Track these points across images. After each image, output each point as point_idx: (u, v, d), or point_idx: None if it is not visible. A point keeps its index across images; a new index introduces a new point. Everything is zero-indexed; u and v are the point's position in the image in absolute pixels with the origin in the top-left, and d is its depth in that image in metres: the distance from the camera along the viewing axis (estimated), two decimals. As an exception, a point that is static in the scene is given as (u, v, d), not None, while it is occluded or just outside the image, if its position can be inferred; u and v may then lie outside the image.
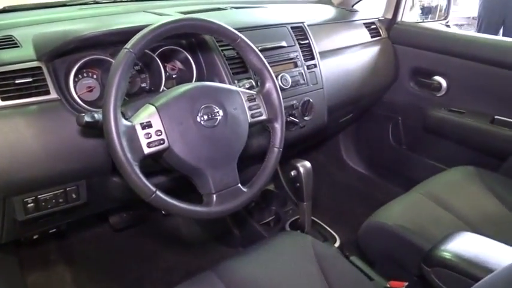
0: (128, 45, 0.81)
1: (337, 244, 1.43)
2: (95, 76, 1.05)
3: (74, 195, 0.97)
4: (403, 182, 1.72)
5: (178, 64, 1.20)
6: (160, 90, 1.12)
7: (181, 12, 1.31)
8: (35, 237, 1.18)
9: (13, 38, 0.98)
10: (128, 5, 1.50)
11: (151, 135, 0.81)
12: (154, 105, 0.84)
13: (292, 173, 1.23)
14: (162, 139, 0.82)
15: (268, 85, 0.99)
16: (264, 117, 0.98)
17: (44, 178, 0.91)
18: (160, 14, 1.29)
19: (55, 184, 0.94)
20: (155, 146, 0.81)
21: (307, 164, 1.21)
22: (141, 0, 1.57)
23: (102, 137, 0.82)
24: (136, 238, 1.58)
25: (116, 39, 1.03)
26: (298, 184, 1.20)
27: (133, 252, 1.53)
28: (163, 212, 1.61)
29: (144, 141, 0.80)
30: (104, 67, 1.05)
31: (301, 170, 1.19)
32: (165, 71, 1.14)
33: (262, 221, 1.59)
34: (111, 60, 1.04)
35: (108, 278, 1.43)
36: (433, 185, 1.35)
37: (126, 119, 0.81)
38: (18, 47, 0.96)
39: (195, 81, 1.17)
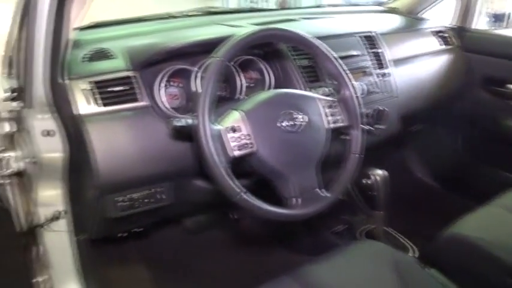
0: (219, 54, 0.85)
1: (414, 255, 1.39)
2: (179, 84, 1.11)
3: (163, 196, 1.03)
4: (474, 195, 1.65)
5: (254, 73, 1.24)
6: (235, 97, 1.17)
7: (254, 24, 1.36)
8: (119, 235, 1.26)
9: (109, 50, 1.06)
10: (200, 19, 1.57)
11: (239, 139, 0.85)
12: (242, 111, 0.88)
13: (365, 180, 1.22)
14: (251, 143, 0.86)
15: (347, 92, 1.00)
16: (342, 123, 0.99)
17: (136, 179, 0.97)
18: (234, 26, 1.34)
19: (145, 185, 1.00)
20: (243, 149, 0.85)
21: (385, 173, 1.21)
22: (212, 14, 1.64)
23: (189, 140, 0.86)
24: (208, 241, 1.62)
25: (199, 49, 1.09)
26: (374, 193, 1.20)
27: (204, 254, 1.58)
28: (235, 217, 1.65)
29: (232, 145, 0.84)
30: (185, 76, 1.11)
31: (378, 179, 1.18)
32: (241, 80, 1.19)
33: (332, 229, 1.59)
34: (192, 69, 1.10)
35: (181, 278, 1.48)
36: (514, 198, 1.28)
37: (213, 123, 0.85)
38: (114, 58, 1.04)
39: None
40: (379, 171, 1.20)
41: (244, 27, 1.34)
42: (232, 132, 0.85)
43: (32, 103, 0.93)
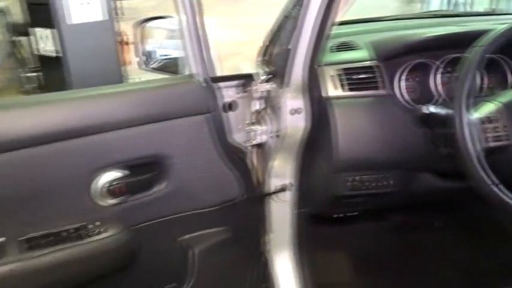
0: (483, 42, 0.85)
1: None
2: (416, 78, 1.14)
3: (390, 182, 1.07)
4: None
5: (493, 74, 1.18)
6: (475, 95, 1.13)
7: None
8: (335, 215, 1.35)
9: (354, 43, 1.16)
10: (427, 21, 1.57)
11: (495, 130, 0.83)
12: (500, 102, 0.85)
13: None
14: (507, 135, 0.83)
15: None
16: None
17: (370, 162, 1.04)
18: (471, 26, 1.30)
19: (377, 169, 1.06)
20: (499, 140, 0.82)
21: None
22: (437, 17, 1.63)
23: (431, 128, 0.87)
24: (409, 243, 1.59)
25: (442, 44, 1.10)
26: None
27: (404, 255, 1.55)
28: (441, 225, 1.59)
29: (487, 135, 0.82)
30: (422, 70, 1.13)
31: None
32: (483, 79, 1.14)
33: None
34: (433, 64, 1.11)
35: (376, 275, 1.49)
36: None
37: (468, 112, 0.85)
38: (359, 49, 1.13)
39: None
40: None
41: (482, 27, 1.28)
42: (488, 122, 0.83)
43: (289, 84, 1.08)
